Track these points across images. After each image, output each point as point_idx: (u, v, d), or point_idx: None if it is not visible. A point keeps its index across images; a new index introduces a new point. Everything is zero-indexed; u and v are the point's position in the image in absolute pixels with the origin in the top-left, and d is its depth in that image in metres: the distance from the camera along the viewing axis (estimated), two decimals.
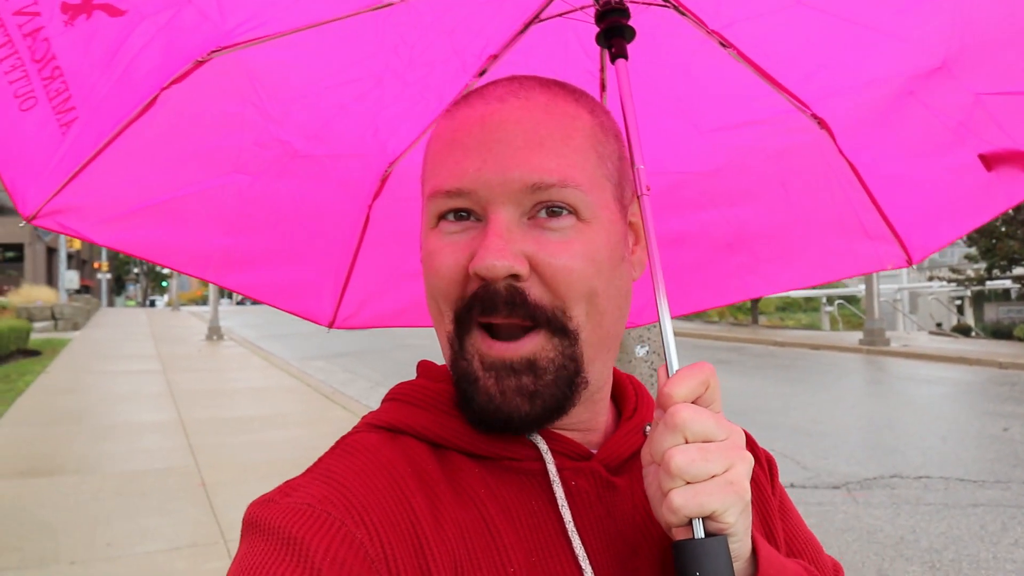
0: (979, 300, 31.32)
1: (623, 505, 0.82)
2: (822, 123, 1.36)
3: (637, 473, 0.83)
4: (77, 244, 46.64)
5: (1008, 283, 27.53)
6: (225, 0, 1.03)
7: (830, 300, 32.54)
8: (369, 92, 1.29)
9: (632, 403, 0.92)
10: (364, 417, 0.85)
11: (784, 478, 7.23)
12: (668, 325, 0.83)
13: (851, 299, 32.85)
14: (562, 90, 0.83)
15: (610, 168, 0.82)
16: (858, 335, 22.15)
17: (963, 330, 27.34)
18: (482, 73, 1.30)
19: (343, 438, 0.81)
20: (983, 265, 25.55)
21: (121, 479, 7.39)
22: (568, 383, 0.78)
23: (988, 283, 27.09)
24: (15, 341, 18.03)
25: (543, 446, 0.80)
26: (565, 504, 0.78)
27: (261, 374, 15.54)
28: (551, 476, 0.79)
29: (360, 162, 1.41)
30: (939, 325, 30.51)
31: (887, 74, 1.28)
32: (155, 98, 1.11)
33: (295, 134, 1.30)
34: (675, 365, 0.78)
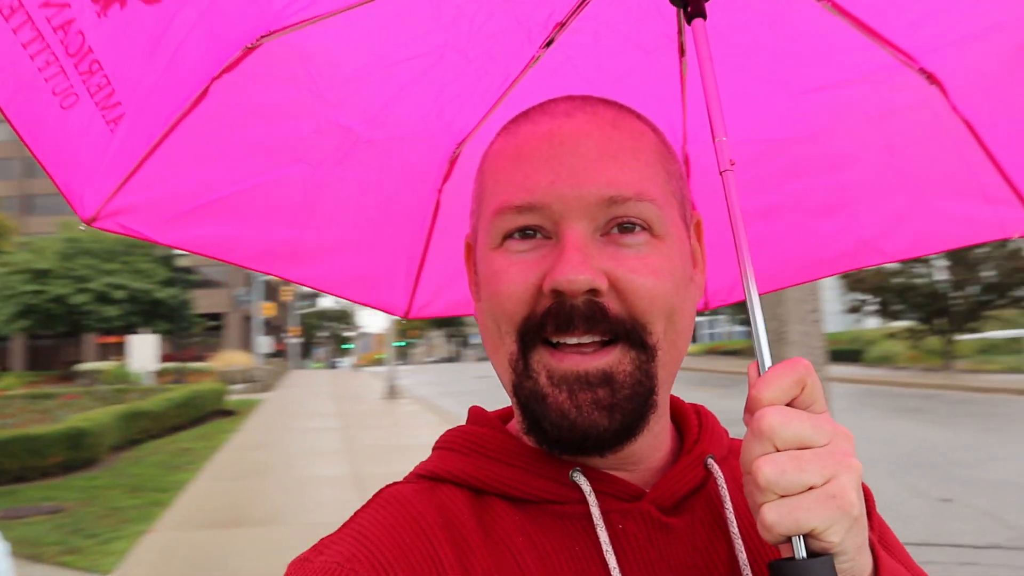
0: None
1: (679, 548, 0.76)
2: (932, 78, 1.22)
3: (698, 512, 0.79)
4: (272, 311, 49.95)
5: None
6: None
7: None
8: (429, 70, 1.22)
9: (694, 434, 0.85)
10: (415, 467, 0.84)
11: (985, 538, 6.76)
12: (759, 316, 0.76)
13: None
14: (624, 107, 0.81)
15: (675, 186, 0.80)
16: None
17: None
18: (549, 43, 1.21)
19: (382, 490, 0.81)
20: None
21: (303, 529, 7.77)
22: (644, 402, 0.73)
23: None
24: (213, 402, 19.57)
25: (587, 487, 0.75)
26: (610, 549, 0.73)
27: (436, 430, 15.84)
28: (595, 519, 0.74)
29: (426, 144, 1.34)
30: None
31: (1006, 20, 1.13)
32: (206, 89, 1.07)
33: (355, 119, 1.24)
34: (767, 362, 0.70)
